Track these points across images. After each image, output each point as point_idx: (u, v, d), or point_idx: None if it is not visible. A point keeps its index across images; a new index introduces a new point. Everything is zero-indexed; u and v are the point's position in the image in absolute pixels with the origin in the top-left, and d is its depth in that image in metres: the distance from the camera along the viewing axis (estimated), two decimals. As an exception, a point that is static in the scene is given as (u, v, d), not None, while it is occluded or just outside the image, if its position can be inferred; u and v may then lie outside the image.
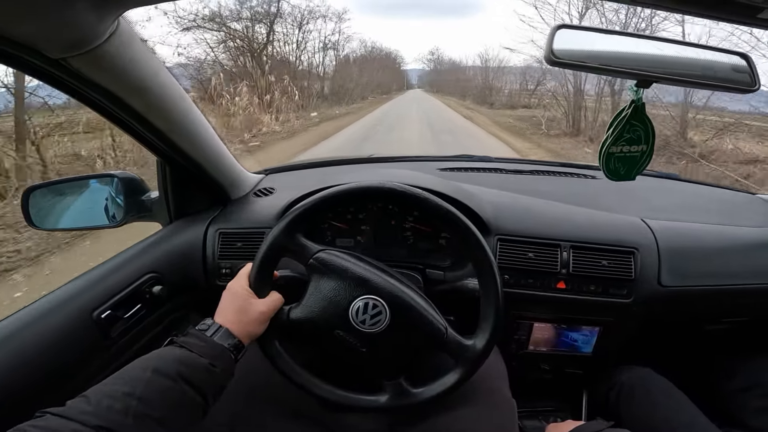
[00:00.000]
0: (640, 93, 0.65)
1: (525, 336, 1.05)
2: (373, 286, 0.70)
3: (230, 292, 0.70)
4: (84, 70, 0.62)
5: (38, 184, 0.99)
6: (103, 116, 0.75)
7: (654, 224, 1.02)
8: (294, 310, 0.72)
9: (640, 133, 0.68)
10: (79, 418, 0.46)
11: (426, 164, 1.41)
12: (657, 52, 0.64)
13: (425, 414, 0.77)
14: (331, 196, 0.72)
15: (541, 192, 1.16)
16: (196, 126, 0.90)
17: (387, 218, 1.03)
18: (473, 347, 0.71)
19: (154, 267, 0.93)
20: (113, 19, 0.58)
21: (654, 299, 0.96)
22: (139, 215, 1.03)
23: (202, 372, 0.58)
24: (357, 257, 0.74)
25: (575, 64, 0.62)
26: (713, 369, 1.13)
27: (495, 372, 0.89)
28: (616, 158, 0.69)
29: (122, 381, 0.53)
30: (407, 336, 0.71)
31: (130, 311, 0.86)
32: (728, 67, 0.64)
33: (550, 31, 0.62)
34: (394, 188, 0.71)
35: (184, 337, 0.62)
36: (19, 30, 0.52)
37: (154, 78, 0.74)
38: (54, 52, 0.57)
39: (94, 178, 1.05)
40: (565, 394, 1.19)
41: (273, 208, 1.04)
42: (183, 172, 0.98)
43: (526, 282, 0.96)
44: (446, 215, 0.72)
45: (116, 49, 0.62)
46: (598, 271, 0.94)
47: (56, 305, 0.75)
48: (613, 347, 1.05)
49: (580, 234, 0.97)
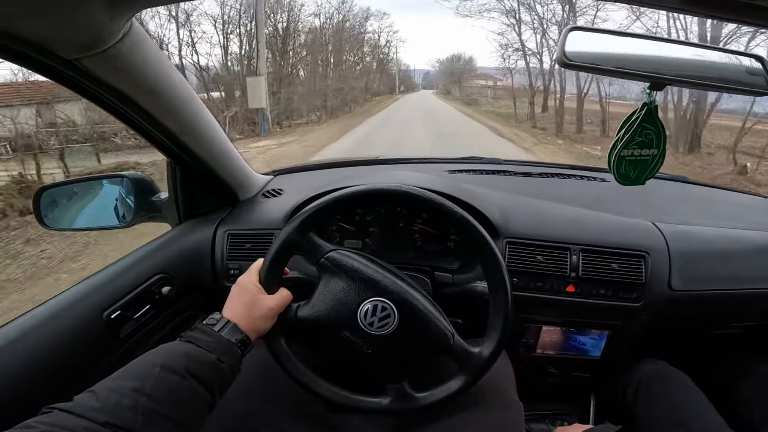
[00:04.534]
0: (652, 95, 0.64)
1: (533, 339, 1.04)
2: (383, 289, 0.69)
3: (239, 287, 0.70)
4: (97, 70, 0.62)
5: (49, 185, 1.00)
6: (115, 116, 0.75)
7: (665, 228, 1.01)
8: (302, 309, 0.72)
9: (652, 137, 0.67)
10: (88, 415, 0.46)
11: (434, 166, 1.41)
12: (670, 54, 0.63)
13: (431, 416, 0.77)
14: (347, 196, 0.72)
15: (550, 194, 1.16)
16: (206, 127, 0.90)
17: (395, 220, 1.03)
18: (479, 355, 0.71)
19: (163, 268, 0.94)
20: (126, 20, 0.58)
21: (664, 303, 0.95)
22: (148, 216, 1.04)
23: (210, 368, 0.58)
24: (368, 258, 0.74)
25: (587, 66, 0.62)
26: (723, 372, 1.12)
27: (502, 375, 0.88)
28: (627, 162, 0.68)
29: (130, 376, 0.53)
30: (414, 340, 0.71)
31: (139, 311, 0.86)
32: (742, 69, 0.63)
33: (563, 32, 0.61)
34: (410, 192, 0.71)
35: (191, 332, 0.62)
36: (33, 30, 0.52)
37: (165, 79, 0.74)
38: (68, 52, 0.57)
39: (105, 179, 1.06)
40: (572, 398, 1.19)
41: (281, 209, 1.04)
42: (192, 173, 0.99)
43: (535, 285, 0.95)
44: (460, 221, 0.71)
45: (129, 50, 0.62)
46: (608, 274, 0.93)
47: (67, 305, 0.76)
48: (621, 351, 1.04)
49: (590, 237, 0.97)
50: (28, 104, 8.38)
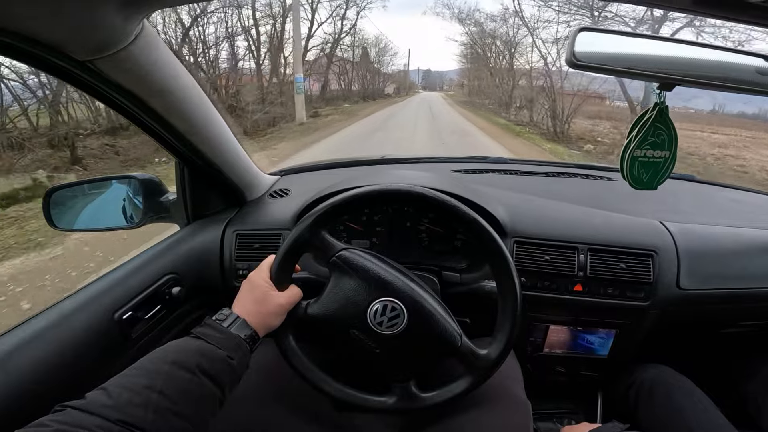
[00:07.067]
0: (662, 96, 0.64)
1: (541, 338, 1.05)
2: (393, 289, 0.70)
3: (250, 283, 0.70)
4: (109, 71, 0.63)
5: (59, 185, 1.00)
6: (125, 116, 0.76)
7: (673, 227, 1.01)
8: (312, 306, 0.73)
9: (664, 137, 0.67)
10: (100, 412, 0.46)
11: (440, 165, 1.41)
12: (679, 55, 0.63)
13: (439, 415, 0.77)
14: (359, 196, 0.72)
15: (557, 194, 1.16)
16: (215, 128, 0.91)
17: (402, 220, 1.03)
18: (486, 357, 0.71)
19: (172, 268, 0.94)
20: (139, 21, 0.58)
21: (672, 302, 0.95)
22: (157, 216, 1.04)
23: (220, 364, 0.58)
24: (379, 258, 0.74)
25: (597, 66, 0.62)
26: (731, 370, 1.12)
27: (510, 374, 0.89)
28: (640, 163, 0.68)
29: (141, 373, 0.53)
30: (422, 341, 0.71)
31: (150, 312, 0.86)
32: (752, 69, 0.63)
33: (572, 33, 0.61)
34: (423, 193, 0.71)
35: (201, 327, 0.62)
36: (47, 32, 0.52)
37: (175, 80, 0.74)
38: (81, 54, 0.57)
39: (114, 179, 1.06)
40: (580, 397, 1.19)
41: (289, 209, 1.04)
42: (201, 173, 0.99)
43: (542, 285, 0.95)
44: (471, 223, 0.71)
45: (140, 51, 0.63)
46: (615, 274, 0.93)
47: (79, 306, 0.76)
48: (629, 350, 1.04)
49: (598, 236, 0.97)
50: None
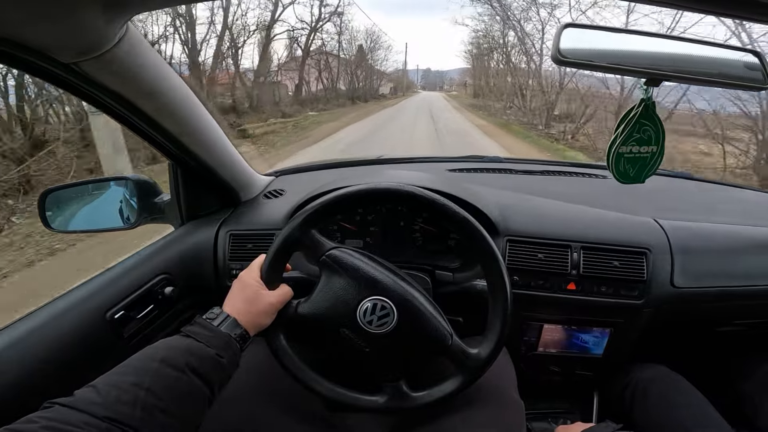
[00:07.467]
0: (649, 91, 0.64)
1: (534, 337, 1.04)
2: (383, 288, 0.70)
3: (241, 282, 0.71)
4: (95, 74, 0.63)
5: (54, 187, 1.01)
6: (115, 119, 0.76)
7: (666, 224, 1.00)
8: (302, 305, 0.73)
9: (650, 133, 0.66)
10: (88, 409, 0.46)
11: (435, 165, 1.41)
12: (666, 50, 0.63)
13: (431, 414, 0.77)
14: (349, 195, 0.72)
15: (551, 192, 1.15)
16: (207, 129, 0.91)
17: (396, 219, 1.03)
18: (477, 356, 0.71)
19: (165, 268, 0.95)
20: (122, 24, 0.59)
21: (666, 300, 0.94)
22: (151, 217, 1.05)
23: (210, 362, 0.58)
24: (369, 257, 0.74)
25: (583, 63, 0.61)
26: (727, 369, 1.11)
27: (503, 373, 0.88)
28: (625, 159, 0.68)
29: (130, 371, 0.53)
30: (412, 340, 0.71)
31: (142, 312, 0.87)
32: (740, 65, 0.63)
33: (557, 29, 0.61)
34: (412, 192, 0.71)
35: (191, 326, 0.62)
36: (32, 36, 0.53)
37: (163, 81, 0.75)
38: (65, 56, 0.58)
39: (109, 181, 1.07)
40: (576, 396, 1.18)
41: (283, 209, 1.04)
42: (194, 174, 1.00)
43: (535, 283, 0.95)
44: (461, 222, 0.71)
45: (126, 53, 0.63)
46: (609, 272, 0.93)
47: (71, 305, 0.77)
48: (624, 349, 1.04)
49: (591, 234, 0.96)
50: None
